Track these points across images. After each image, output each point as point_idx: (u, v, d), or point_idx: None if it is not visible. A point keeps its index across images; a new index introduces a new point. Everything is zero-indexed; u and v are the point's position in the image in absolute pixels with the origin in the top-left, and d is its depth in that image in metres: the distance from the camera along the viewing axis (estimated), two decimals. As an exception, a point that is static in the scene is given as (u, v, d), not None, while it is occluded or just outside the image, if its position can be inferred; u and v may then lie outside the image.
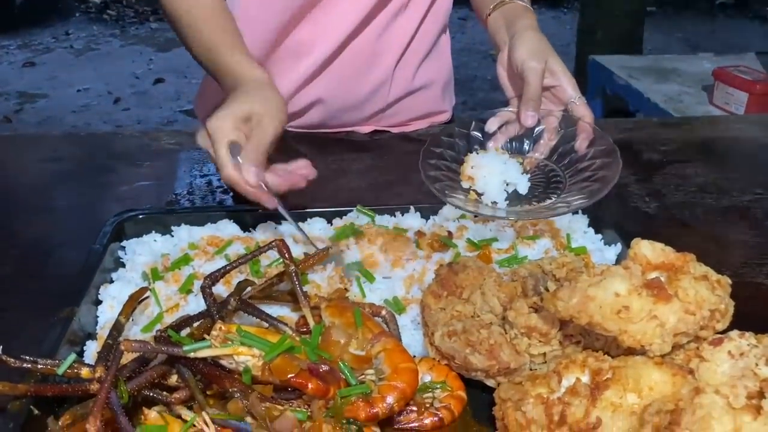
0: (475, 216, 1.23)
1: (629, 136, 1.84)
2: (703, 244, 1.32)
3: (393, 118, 1.75)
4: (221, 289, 1.05)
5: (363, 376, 0.86)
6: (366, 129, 1.77)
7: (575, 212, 1.27)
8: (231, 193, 1.47)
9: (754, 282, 1.22)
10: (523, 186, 1.20)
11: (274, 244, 1.01)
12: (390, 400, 0.81)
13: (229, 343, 0.83)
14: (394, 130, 1.78)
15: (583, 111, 1.29)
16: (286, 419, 0.77)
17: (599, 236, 1.24)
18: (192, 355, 0.82)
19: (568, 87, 1.31)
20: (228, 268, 1.00)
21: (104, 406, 0.78)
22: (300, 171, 1.19)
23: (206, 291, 0.96)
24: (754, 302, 1.16)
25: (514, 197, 1.20)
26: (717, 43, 7.45)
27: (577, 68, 5.29)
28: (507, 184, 1.20)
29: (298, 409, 0.80)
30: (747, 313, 0.91)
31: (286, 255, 0.99)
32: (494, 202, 1.18)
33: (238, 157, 1.11)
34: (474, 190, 1.20)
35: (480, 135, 1.29)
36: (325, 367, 0.82)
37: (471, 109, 6.06)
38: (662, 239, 0.91)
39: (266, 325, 0.95)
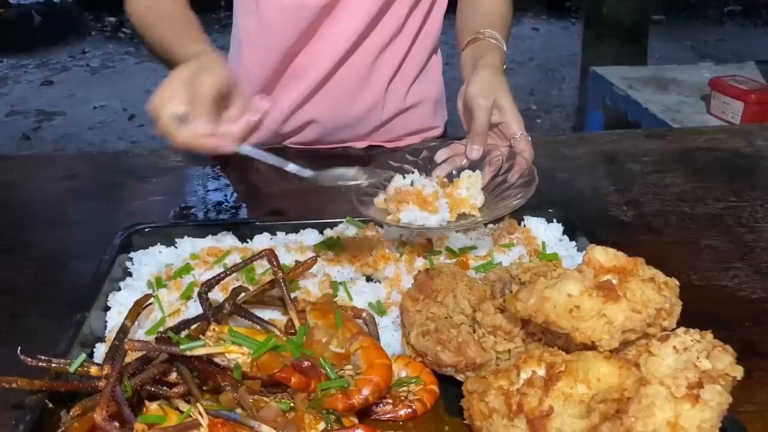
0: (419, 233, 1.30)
1: (614, 147, 1.92)
2: (673, 249, 1.40)
3: (386, 135, 1.85)
4: (219, 296, 1.14)
5: (342, 371, 0.95)
6: (361, 144, 1.87)
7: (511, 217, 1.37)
8: (231, 207, 1.58)
9: (719, 285, 1.29)
10: (479, 200, 1.28)
11: (263, 253, 1.11)
12: (365, 392, 0.90)
13: (222, 342, 0.92)
14: (388, 146, 1.87)
15: (523, 146, 1.35)
16: (271, 409, 0.87)
17: (573, 243, 1.33)
18: (188, 353, 0.92)
19: (513, 123, 1.36)
20: (222, 275, 1.09)
21: (110, 399, 0.87)
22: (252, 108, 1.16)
23: (202, 296, 1.06)
24: (717, 303, 1.24)
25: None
26: (725, 52, 7.50)
27: (583, 78, 5.36)
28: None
29: (282, 401, 0.90)
30: (710, 313, 0.99)
31: (275, 263, 1.09)
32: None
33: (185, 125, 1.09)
34: (464, 213, 1.26)
35: (412, 167, 1.35)
36: (307, 364, 0.91)
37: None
38: (634, 245, 1.00)
39: (258, 327, 1.05)
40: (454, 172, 1.36)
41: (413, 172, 1.33)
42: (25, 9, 8.71)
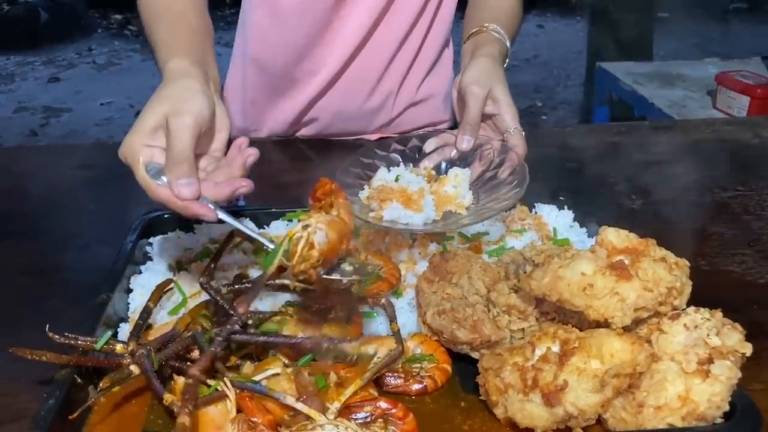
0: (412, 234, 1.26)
1: (623, 139, 1.95)
2: (681, 236, 1.43)
3: (397, 128, 1.87)
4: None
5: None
6: (373, 136, 1.89)
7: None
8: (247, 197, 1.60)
9: (726, 269, 1.32)
10: (468, 199, 1.25)
11: (234, 233, 1.14)
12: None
13: None
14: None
15: (516, 141, 1.30)
16: (306, 380, 0.90)
17: (584, 229, 1.35)
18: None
19: (507, 116, 1.31)
20: (214, 262, 1.11)
21: (140, 374, 0.91)
22: (237, 166, 1.06)
23: (205, 286, 1.07)
24: (725, 287, 1.27)
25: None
26: (730, 48, 7.49)
27: (588, 75, 5.38)
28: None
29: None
30: (717, 296, 1.01)
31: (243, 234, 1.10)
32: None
33: (162, 177, 0.99)
34: (450, 211, 1.23)
35: (398, 156, 1.33)
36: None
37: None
38: (643, 233, 1.02)
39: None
40: (443, 163, 1.32)
41: (399, 165, 1.30)
42: (32, 6, 8.74)
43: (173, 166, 0.97)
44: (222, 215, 1.01)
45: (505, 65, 1.48)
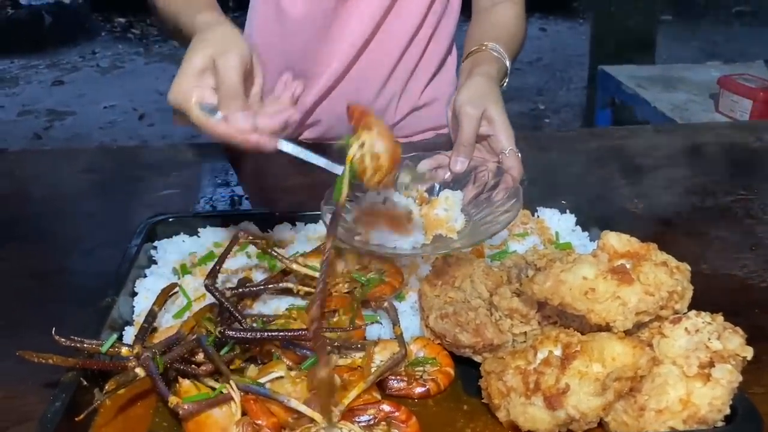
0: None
1: (625, 142, 1.95)
2: (683, 240, 1.43)
3: (399, 132, 1.88)
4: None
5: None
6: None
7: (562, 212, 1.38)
8: (252, 201, 1.62)
9: (729, 274, 1.32)
10: (460, 223, 1.23)
11: (239, 235, 1.15)
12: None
13: None
14: (402, 140, 1.90)
15: (511, 163, 1.27)
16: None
17: (586, 234, 1.36)
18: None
19: (502, 137, 1.29)
20: (217, 266, 1.12)
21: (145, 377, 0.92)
22: (286, 99, 1.10)
23: (210, 288, 1.08)
24: (726, 291, 1.27)
25: None
26: (733, 52, 7.49)
27: (591, 78, 5.39)
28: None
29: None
30: (719, 301, 1.01)
31: (251, 237, 1.15)
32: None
33: (218, 113, 1.02)
34: (440, 234, 1.21)
35: None
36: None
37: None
38: (645, 236, 1.02)
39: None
40: (436, 185, 1.29)
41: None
42: (36, 10, 8.77)
43: (227, 101, 1.01)
44: (282, 144, 1.05)
45: (503, 85, 1.46)
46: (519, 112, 6.22)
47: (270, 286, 1.15)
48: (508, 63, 1.48)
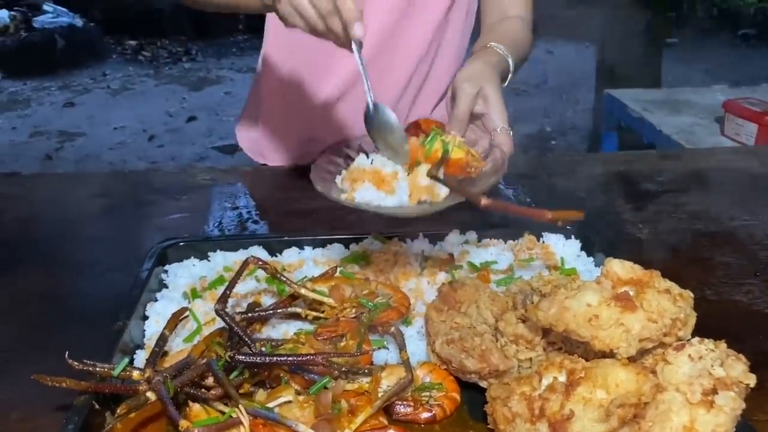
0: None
1: (629, 167, 1.97)
2: (688, 265, 1.44)
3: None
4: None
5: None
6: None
7: (567, 236, 1.40)
8: (260, 223, 1.64)
9: (733, 299, 1.33)
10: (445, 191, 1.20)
11: (249, 260, 1.16)
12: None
13: None
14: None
15: (502, 140, 1.29)
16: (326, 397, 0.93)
17: (591, 259, 1.37)
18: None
19: (495, 115, 1.31)
20: (227, 291, 1.14)
21: (156, 400, 0.93)
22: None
23: (220, 313, 1.10)
24: (730, 317, 1.28)
25: None
26: (739, 74, 7.52)
27: (597, 101, 5.43)
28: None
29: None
30: (723, 327, 1.03)
31: (261, 263, 1.16)
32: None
33: None
34: (424, 201, 1.19)
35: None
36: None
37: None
38: (650, 262, 1.04)
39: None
40: None
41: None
42: (49, 33, 8.92)
43: None
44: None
45: (505, 83, 1.47)
46: (526, 133, 6.26)
47: (279, 310, 1.17)
48: (510, 62, 1.50)
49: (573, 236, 1.41)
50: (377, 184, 1.16)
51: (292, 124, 1.87)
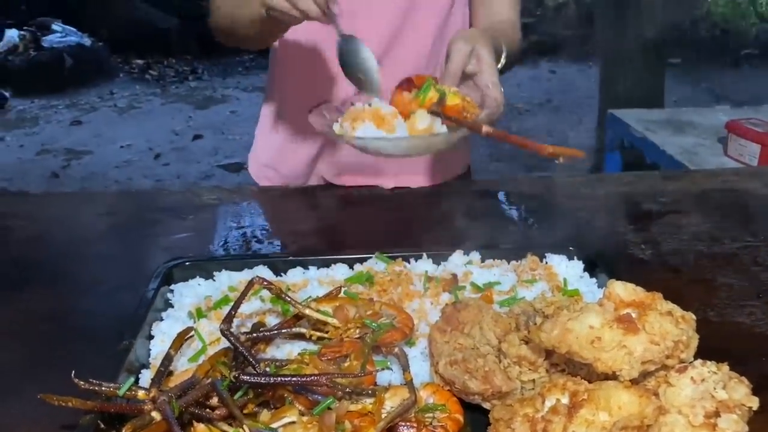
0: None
1: (632, 188, 1.98)
2: (690, 287, 1.45)
3: (411, 174, 1.92)
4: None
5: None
6: (388, 184, 1.94)
7: (570, 256, 1.41)
8: (264, 242, 1.65)
9: (735, 321, 1.34)
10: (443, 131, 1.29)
11: (254, 280, 1.17)
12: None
13: None
14: (413, 186, 1.94)
15: (493, 93, 1.33)
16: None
17: (593, 280, 1.38)
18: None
19: (486, 73, 1.34)
20: (233, 311, 1.15)
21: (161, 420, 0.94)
22: None
23: (225, 333, 1.11)
24: (733, 339, 1.28)
25: None
26: (742, 94, 7.55)
27: (600, 121, 5.45)
28: None
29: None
30: (726, 349, 1.03)
31: (266, 283, 1.17)
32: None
33: None
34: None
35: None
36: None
37: (496, 160, 6.26)
38: (652, 283, 1.04)
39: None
40: None
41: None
42: (58, 52, 9.01)
43: None
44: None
45: (498, 67, 1.49)
46: (529, 153, 6.27)
47: (283, 330, 1.18)
48: (503, 47, 1.52)
49: (576, 257, 1.42)
50: (377, 122, 1.19)
51: (295, 153, 1.90)
